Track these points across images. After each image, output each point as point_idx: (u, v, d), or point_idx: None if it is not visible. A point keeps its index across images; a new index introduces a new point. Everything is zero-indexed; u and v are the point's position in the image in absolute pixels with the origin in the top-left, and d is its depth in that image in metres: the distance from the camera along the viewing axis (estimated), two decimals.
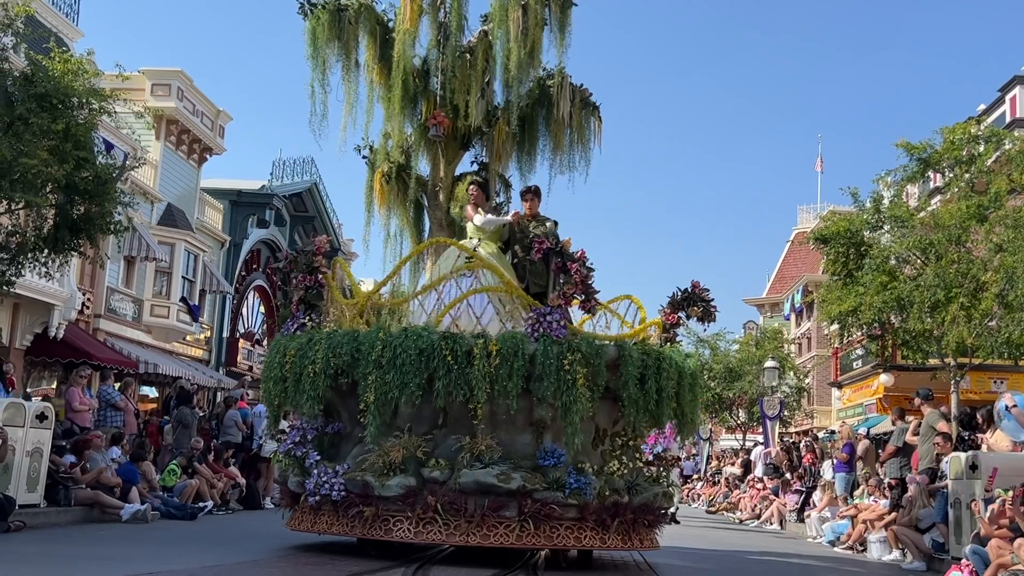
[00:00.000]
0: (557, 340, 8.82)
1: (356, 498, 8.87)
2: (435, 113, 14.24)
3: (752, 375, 38.85)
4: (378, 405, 8.84)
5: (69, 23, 23.74)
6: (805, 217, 51.31)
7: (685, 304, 10.50)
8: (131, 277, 27.14)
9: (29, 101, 13.14)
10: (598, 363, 8.83)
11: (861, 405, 31.90)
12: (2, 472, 11.89)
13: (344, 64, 15.15)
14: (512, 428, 9.11)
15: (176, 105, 28.15)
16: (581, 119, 15.42)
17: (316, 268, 9.98)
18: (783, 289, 52.58)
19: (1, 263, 14.09)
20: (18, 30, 14.16)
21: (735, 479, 29.21)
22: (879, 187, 21.49)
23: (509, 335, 8.83)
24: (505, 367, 8.56)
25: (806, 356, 45.57)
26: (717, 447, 44.61)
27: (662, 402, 9.22)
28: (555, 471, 8.83)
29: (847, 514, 16.36)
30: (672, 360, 9.47)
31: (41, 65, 13.77)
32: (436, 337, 8.73)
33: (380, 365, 8.78)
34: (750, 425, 41.65)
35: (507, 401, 8.61)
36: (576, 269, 9.03)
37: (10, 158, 12.41)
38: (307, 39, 14.73)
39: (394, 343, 8.79)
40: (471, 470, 8.65)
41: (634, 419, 9.14)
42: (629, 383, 8.99)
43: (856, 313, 20.65)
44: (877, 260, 19.76)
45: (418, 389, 8.68)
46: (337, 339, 9.18)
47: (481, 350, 8.60)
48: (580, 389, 8.61)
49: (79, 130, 13.65)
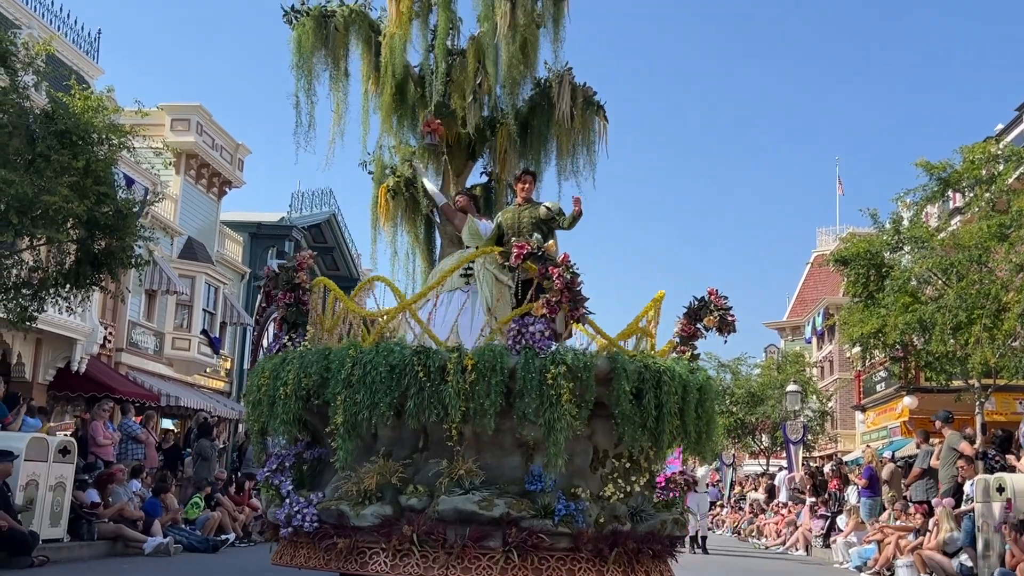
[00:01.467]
0: (540, 352, 8.03)
1: (331, 529, 8.31)
2: (428, 120, 13.26)
3: (774, 399, 38.63)
4: (347, 427, 8.19)
5: (89, 60, 24.05)
6: (824, 239, 51.14)
7: (701, 314, 9.70)
8: (152, 311, 27.29)
9: (50, 138, 13.28)
10: (586, 377, 7.94)
11: (885, 428, 31.63)
12: (26, 507, 11.93)
13: (332, 74, 14.24)
14: (498, 450, 8.36)
15: (195, 140, 28.40)
16: (584, 119, 14.40)
17: (298, 285, 9.40)
18: (804, 312, 52.35)
19: (24, 298, 14.21)
20: (39, 68, 14.36)
21: (759, 505, 28.99)
22: (898, 207, 21.41)
23: (487, 348, 8.09)
24: (482, 383, 7.81)
25: (828, 379, 45.27)
26: (740, 473, 44.30)
27: (663, 419, 8.29)
28: (544, 496, 8.05)
29: (873, 538, 16.19)
30: (675, 373, 8.56)
31: (62, 102, 13.94)
32: (408, 352, 8.07)
33: (350, 384, 8.14)
34: (773, 450, 41.37)
35: (485, 420, 7.84)
36: (559, 274, 8.18)
37: (32, 195, 12.54)
38: (292, 48, 13.85)
39: (364, 360, 8.14)
40: (450, 496, 7.93)
41: (630, 438, 8.22)
42: (622, 398, 8.09)
43: (878, 335, 20.53)
44: (898, 281, 19.65)
45: (389, 409, 8.00)
46: (309, 358, 8.59)
47: (455, 365, 7.88)
48: (565, 406, 7.79)
49: (99, 166, 13.78)
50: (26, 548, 11.08)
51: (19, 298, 14.12)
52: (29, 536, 11.28)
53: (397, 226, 15.16)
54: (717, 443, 10.11)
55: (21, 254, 14.17)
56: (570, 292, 8.19)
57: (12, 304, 14.15)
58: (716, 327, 9.61)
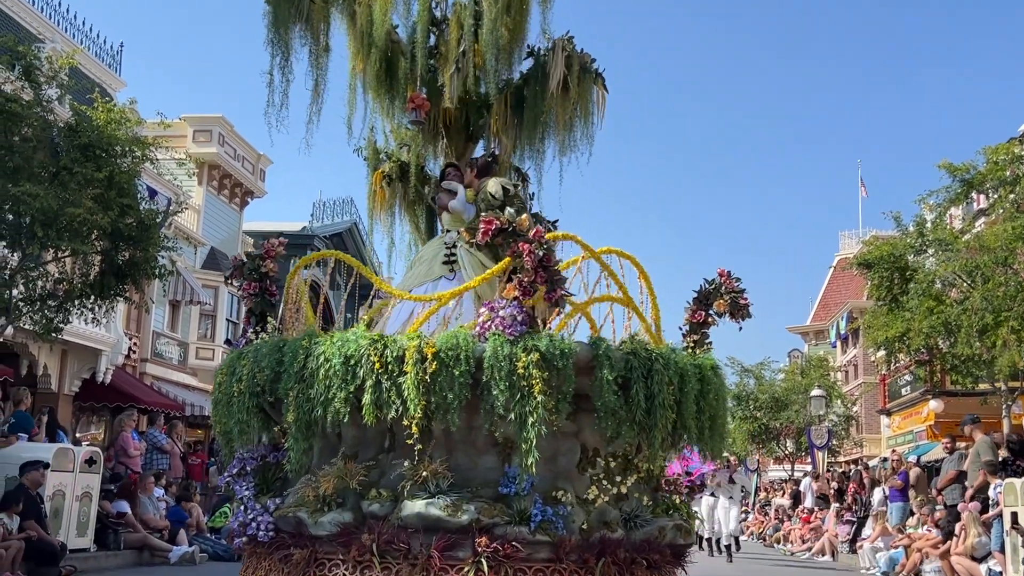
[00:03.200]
0: (512, 339, 7.18)
1: (288, 538, 7.60)
2: (412, 96, 12.14)
3: (799, 404, 38.41)
4: (300, 426, 7.46)
5: (112, 73, 24.25)
6: (847, 242, 50.89)
7: (711, 298, 8.75)
8: (176, 321, 27.46)
9: (74, 151, 13.41)
10: (564, 365, 7.09)
11: (911, 432, 31.40)
12: (53, 517, 12.02)
13: (312, 49, 12.92)
14: (471, 449, 7.56)
15: (217, 151, 28.59)
16: (582, 89, 12.99)
17: (265, 274, 8.73)
18: (827, 316, 52.08)
19: (49, 310, 14.33)
20: (62, 82, 14.50)
21: (784, 511, 28.83)
22: (922, 209, 21.28)
23: (450, 334, 7.26)
24: (445, 374, 7.03)
25: (853, 384, 45.00)
26: (765, 478, 44.06)
27: (655, 413, 7.40)
28: (520, 501, 7.23)
29: (901, 543, 16.06)
30: (670, 360, 7.66)
31: (85, 115, 14.07)
32: (365, 341, 7.29)
33: (303, 378, 7.44)
34: (798, 455, 41.13)
35: (448, 416, 7.06)
36: (529, 251, 7.33)
37: (56, 207, 12.65)
38: (266, 21, 12.64)
39: (317, 350, 7.43)
40: (413, 501, 7.15)
41: (615, 433, 7.35)
42: (604, 389, 7.23)
43: (903, 339, 20.40)
44: (923, 284, 19.52)
45: (345, 404, 7.20)
46: (263, 351, 7.90)
47: (414, 354, 7.09)
48: (539, 398, 6.96)
49: (123, 178, 13.91)
50: (54, 558, 11.16)
51: (45, 310, 14.25)
52: (57, 546, 11.36)
53: (395, 215, 13.95)
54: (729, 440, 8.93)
55: (46, 266, 14.29)
56: (545, 271, 7.35)
57: (38, 316, 14.28)
58: (728, 312, 8.71)
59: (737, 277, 8.75)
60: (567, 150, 13.09)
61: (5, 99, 13.07)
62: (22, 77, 14.03)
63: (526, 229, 7.50)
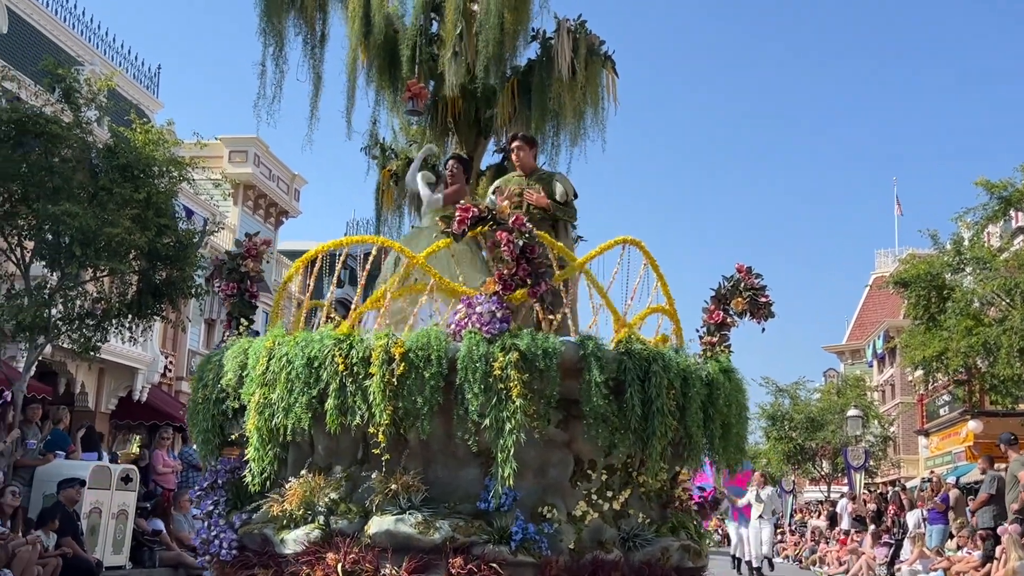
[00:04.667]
0: (489, 337, 6.49)
1: (254, 556, 7.05)
2: (409, 84, 11.14)
3: (835, 424, 38.02)
4: (262, 434, 6.87)
5: (149, 95, 24.59)
6: (883, 261, 50.42)
7: (730, 297, 7.97)
8: (212, 339, 27.66)
9: (112, 172, 13.62)
10: (547, 366, 6.39)
11: (950, 453, 30.94)
12: (89, 534, 12.11)
13: (307, 38, 12.17)
14: (451, 460, 6.85)
15: (253, 171, 28.89)
16: (590, 73, 12.06)
17: (245, 273, 8.07)
18: (863, 335, 51.57)
19: (87, 329, 14.50)
20: (101, 103, 14.73)
21: (821, 532, 28.51)
22: (959, 227, 21.08)
23: (422, 332, 6.60)
24: (414, 377, 6.37)
25: (890, 404, 44.50)
26: (801, 499, 43.60)
27: (652, 419, 6.63)
28: (502, 517, 6.51)
29: (939, 566, 15.82)
30: (670, 361, 6.89)
31: (123, 137, 14.29)
32: (329, 341, 6.69)
33: (265, 382, 6.86)
34: (834, 476, 40.68)
35: (418, 423, 6.41)
36: (507, 240, 6.63)
37: (95, 227, 12.82)
38: (258, 11, 11.93)
39: (280, 352, 6.85)
40: (382, 517, 6.52)
41: (605, 442, 6.63)
42: (593, 393, 6.48)
43: (941, 358, 20.18)
44: (960, 303, 19.31)
45: (307, 411, 6.61)
46: (228, 354, 7.40)
47: (381, 354, 6.43)
48: (517, 402, 6.24)
49: (160, 198, 14.11)
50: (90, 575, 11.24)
51: (83, 328, 14.43)
52: (93, 564, 11.45)
53: (404, 215, 13.35)
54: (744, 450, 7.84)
55: (85, 285, 14.48)
56: (528, 263, 6.65)
57: (76, 335, 14.46)
58: (747, 311, 7.93)
59: (758, 273, 7.97)
60: (577, 139, 12.34)
61: (45, 121, 13.30)
62: (62, 99, 14.28)
63: (507, 217, 6.77)
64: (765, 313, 7.93)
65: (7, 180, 13.22)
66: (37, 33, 21.09)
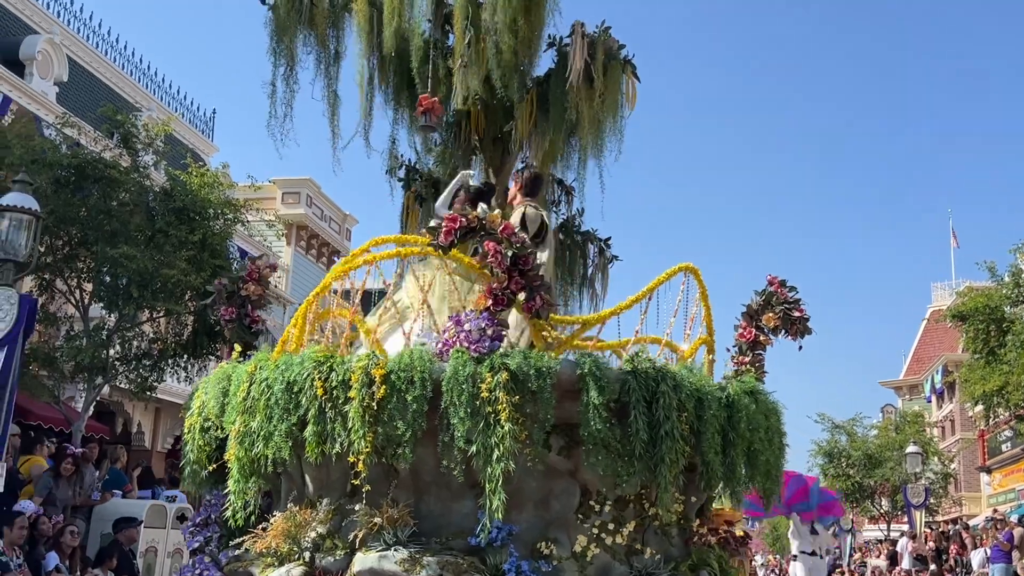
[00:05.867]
0: (477, 356, 5.97)
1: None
2: (420, 99, 10.55)
3: (893, 461, 37.28)
4: (242, 465, 6.44)
5: (205, 139, 25.09)
6: (940, 294, 49.61)
7: (762, 313, 7.34)
8: None
9: (168, 214, 13.90)
10: (540, 386, 5.83)
11: (1013, 491, 30.24)
12: (146, 573, 12.22)
13: (320, 56, 11.74)
14: (444, 492, 6.28)
15: (305, 211, 29.24)
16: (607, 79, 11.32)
17: (245, 297, 7.64)
18: (921, 370, 50.66)
19: (144, 369, 14.74)
20: (158, 148, 15.06)
21: (881, 572, 27.90)
22: (1017, 259, 20.71)
23: (405, 352, 6.13)
24: (395, 400, 5.89)
25: (950, 440, 43.57)
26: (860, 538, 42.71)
27: (660, 445, 6.00)
28: (496, 554, 5.93)
29: None
30: (682, 382, 6.26)
31: (179, 180, 14.59)
32: (310, 363, 6.25)
33: (245, 409, 6.48)
34: (894, 514, 39.83)
35: (400, 451, 5.92)
36: (495, 251, 6.13)
37: (151, 269, 13.07)
38: (269, 30, 11.56)
39: (260, 377, 6.47)
40: (366, 554, 6.02)
41: (606, 470, 6.02)
42: (591, 416, 5.89)
43: (1001, 392, 19.75)
44: (1021, 336, 18.92)
45: (285, 439, 6.20)
46: (213, 379, 7.03)
47: (360, 377, 5.98)
48: (506, 427, 5.70)
49: (215, 240, 14.36)
50: None
51: (140, 369, 14.66)
52: None
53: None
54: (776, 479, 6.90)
55: (141, 326, 14.72)
56: (522, 276, 6.16)
57: (133, 375, 14.69)
58: (781, 327, 7.27)
59: (792, 286, 7.29)
60: (598, 151, 11.73)
61: (104, 166, 13.61)
62: (120, 144, 14.62)
63: (496, 227, 6.24)
64: (800, 329, 7.27)
65: (67, 224, 13.54)
66: (97, 81, 21.65)
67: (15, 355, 10.29)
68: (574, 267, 13.15)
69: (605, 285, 13.28)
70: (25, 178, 10.53)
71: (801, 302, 7.30)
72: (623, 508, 6.46)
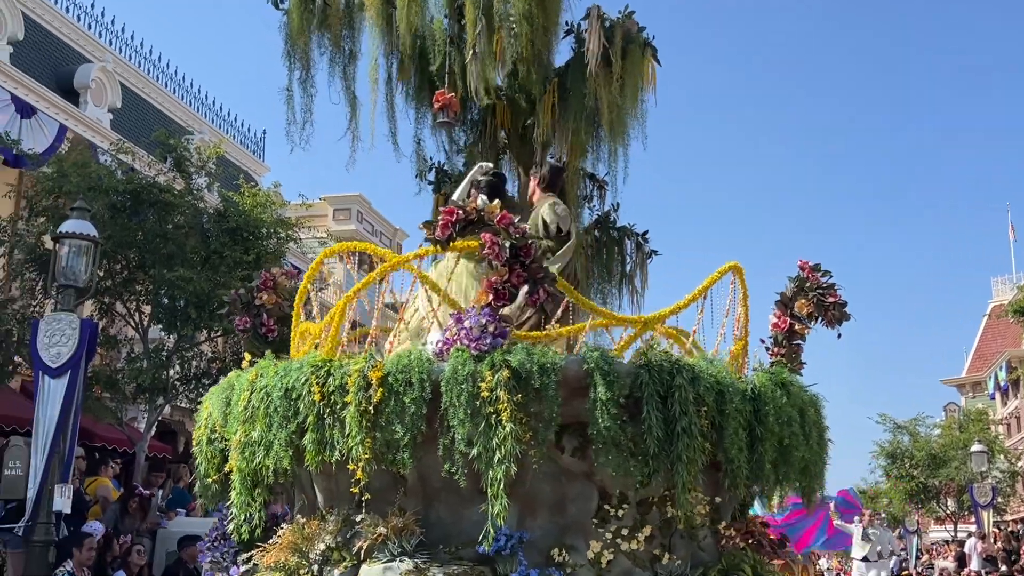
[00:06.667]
0: (478, 354, 5.63)
1: None
2: (437, 94, 10.22)
3: (958, 461, 36.63)
4: (244, 477, 6.25)
5: (256, 159, 25.43)
6: (1000, 288, 48.74)
7: (793, 300, 6.86)
8: None
9: (223, 235, 14.13)
10: (544, 383, 5.49)
11: None
12: None
13: (334, 57, 11.50)
14: (454, 497, 5.93)
15: (356, 227, 29.51)
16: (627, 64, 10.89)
17: (260, 306, 7.29)
18: (984, 367, 49.75)
19: (204, 388, 14.94)
20: (210, 170, 15.31)
21: (949, 574, 27.39)
22: None
23: (403, 353, 5.88)
24: (393, 403, 5.63)
25: (1016, 437, 42.73)
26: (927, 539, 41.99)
27: (675, 442, 5.58)
28: (505, 562, 5.63)
29: None
30: (700, 375, 5.82)
31: (232, 201, 14.82)
32: (308, 368, 6.01)
33: (246, 418, 6.26)
34: (960, 515, 39.11)
35: (399, 456, 5.63)
36: (491, 242, 5.79)
37: (208, 290, 13.29)
38: (283, 34, 11.36)
39: (260, 384, 6.25)
40: (371, 566, 5.77)
41: (617, 469, 5.63)
42: (599, 412, 5.51)
43: None
44: None
45: (285, 449, 5.97)
46: (218, 389, 6.82)
47: (357, 380, 5.71)
48: (508, 427, 5.37)
49: (269, 259, 14.55)
50: None
51: (200, 388, 14.87)
52: None
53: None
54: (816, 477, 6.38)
55: (200, 346, 14.95)
56: (524, 268, 5.80)
57: (193, 394, 14.91)
58: (815, 313, 6.79)
59: (825, 270, 6.84)
60: (621, 138, 11.34)
61: (159, 191, 13.86)
62: (174, 168, 14.88)
63: (495, 217, 5.88)
64: (835, 315, 6.75)
65: (125, 248, 13.81)
66: (149, 106, 22.07)
67: (78, 379, 10.52)
68: (611, 264, 12.77)
69: (645, 281, 12.95)
70: (83, 205, 10.75)
71: (836, 287, 6.80)
72: (646, 511, 6.03)
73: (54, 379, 10.38)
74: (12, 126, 16.24)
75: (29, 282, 13.93)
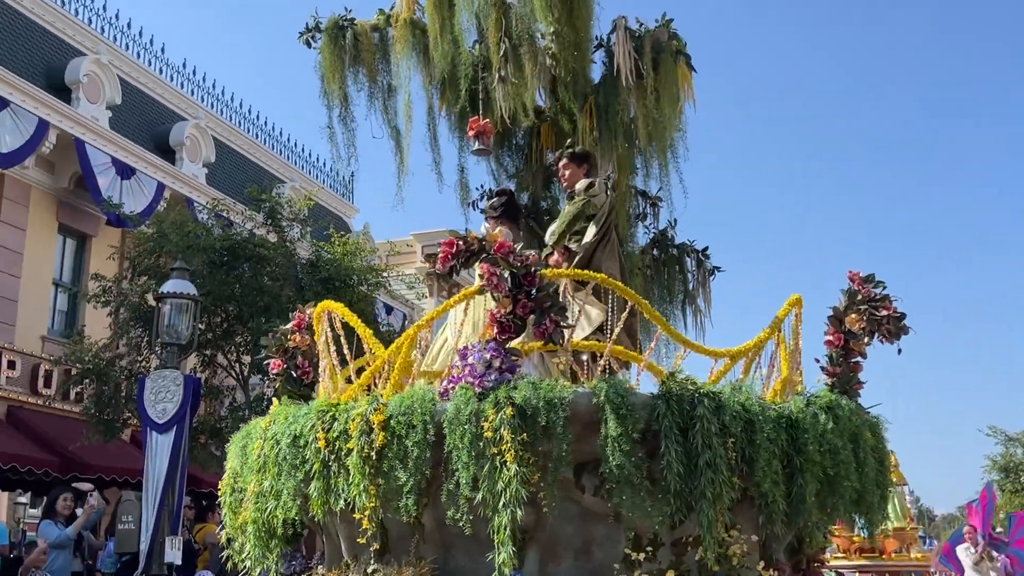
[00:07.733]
0: (482, 392, 5.30)
1: None
2: (471, 122, 9.91)
3: None
4: (257, 528, 6.06)
5: (345, 202, 26.00)
6: None
7: (845, 314, 6.34)
8: None
9: (316, 285, 14.53)
10: (552, 420, 5.12)
11: None
12: None
13: (371, 91, 11.48)
14: (473, 544, 5.50)
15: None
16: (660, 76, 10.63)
17: (293, 349, 7.00)
18: None
19: None
20: (302, 219, 15.79)
21: None
22: None
23: (407, 393, 5.61)
24: (396, 447, 5.35)
25: None
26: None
27: (698, 478, 5.14)
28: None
29: None
30: (725, 403, 5.38)
31: (323, 251, 15.23)
32: (314, 415, 5.82)
33: (259, 467, 6.08)
34: None
35: (402, 504, 5.33)
36: (490, 273, 5.43)
37: None
38: (320, 73, 11.41)
39: (271, 432, 6.06)
40: None
41: (630, 506, 5.21)
42: (611, 448, 5.12)
43: None
44: None
45: (293, 499, 5.78)
46: (238, 438, 6.72)
47: (360, 424, 5.47)
48: (512, 468, 5.01)
49: (361, 304, 14.88)
50: None
51: None
52: None
53: None
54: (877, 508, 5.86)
55: None
56: (530, 298, 5.41)
57: None
58: (868, 328, 6.24)
59: (879, 281, 6.31)
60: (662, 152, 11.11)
61: (254, 245, 14.34)
62: (267, 221, 15.38)
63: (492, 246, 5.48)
64: (891, 329, 6.17)
65: (223, 301, 14.29)
66: (242, 158, 22.79)
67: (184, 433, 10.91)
68: (672, 284, 12.45)
69: (708, 300, 12.53)
70: (182, 265, 11.19)
71: (891, 299, 6.24)
72: (681, 552, 5.51)
73: (161, 435, 10.78)
74: (113, 189, 16.97)
75: (135, 339, 14.50)
